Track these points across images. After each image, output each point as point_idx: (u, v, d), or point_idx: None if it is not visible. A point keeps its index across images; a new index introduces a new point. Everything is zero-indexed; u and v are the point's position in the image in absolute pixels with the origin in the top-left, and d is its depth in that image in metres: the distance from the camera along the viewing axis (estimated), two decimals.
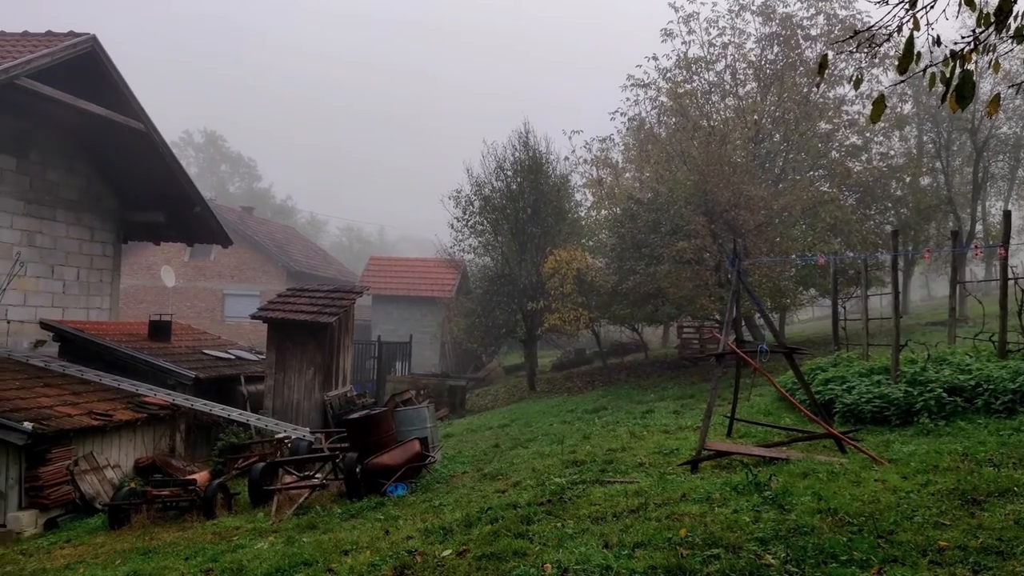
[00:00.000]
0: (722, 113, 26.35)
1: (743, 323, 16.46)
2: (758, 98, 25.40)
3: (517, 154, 22.74)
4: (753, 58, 25.75)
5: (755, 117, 24.60)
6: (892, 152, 28.66)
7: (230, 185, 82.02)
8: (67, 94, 13.39)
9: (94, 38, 14.03)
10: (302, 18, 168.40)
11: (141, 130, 15.23)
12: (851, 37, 4.20)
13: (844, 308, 15.96)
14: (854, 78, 4.21)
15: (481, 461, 10.33)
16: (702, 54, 26.35)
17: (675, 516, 5.28)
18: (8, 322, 14.08)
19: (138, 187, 16.82)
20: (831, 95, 25.48)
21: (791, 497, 5.36)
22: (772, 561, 4.21)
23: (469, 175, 23.37)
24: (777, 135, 25.24)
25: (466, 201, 23.22)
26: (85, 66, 14.08)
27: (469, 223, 23.53)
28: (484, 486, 8.24)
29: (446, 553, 5.21)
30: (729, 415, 9.25)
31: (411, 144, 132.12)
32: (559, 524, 5.57)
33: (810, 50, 25.19)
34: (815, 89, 24.34)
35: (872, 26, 3.95)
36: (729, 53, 26.01)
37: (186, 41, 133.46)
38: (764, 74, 25.33)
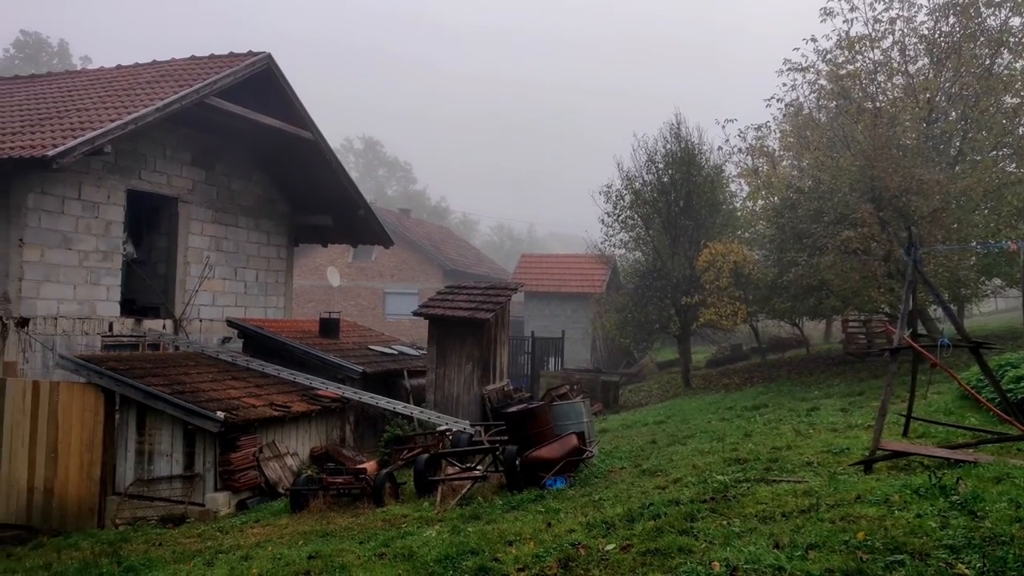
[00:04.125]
0: (889, 93, 24.60)
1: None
2: (931, 74, 23.49)
3: (668, 146, 22.30)
4: (925, 31, 23.84)
5: (927, 95, 22.80)
6: None
7: (388, 188, 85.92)
8: (246, 109, 14.56)
9: (269, 56, 15.15)
10: (448, 41, 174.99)
11: (310, 139, 16.28)
12: None
13: None
14: None
15: (638, 457, 10.25)
16: (866, 32, 24.75)
17: (850, 518, 5.02)
18: (200, 320, 15.49)
19: (307, 192, 18.01)
20: (1018, 65, 23.17)
21: (983, 503, 4.95)
22: (966, 571, 3.92)
23: (619, 169, 23.20)
24: (953, 113, 23.25)
25: (616, 196, 23.05)
26: (261, 83, 15.22)
27: (619, 218, 23.35)
28: (643, 482, 8.17)
29: (609, 547, 5.23)
30: (903, 414, 8.67)
31: (557, 149, 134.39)
32: (724, 522, 5.45)
33: (993, 18, 23.02)
34: (1002, 60, 22.19)
35: None
36: (897, 28, 24.24)
37: (337, 64, 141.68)
38: (938, 48, 23.39)
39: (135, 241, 15.17)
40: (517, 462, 8.78)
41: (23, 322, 12.12)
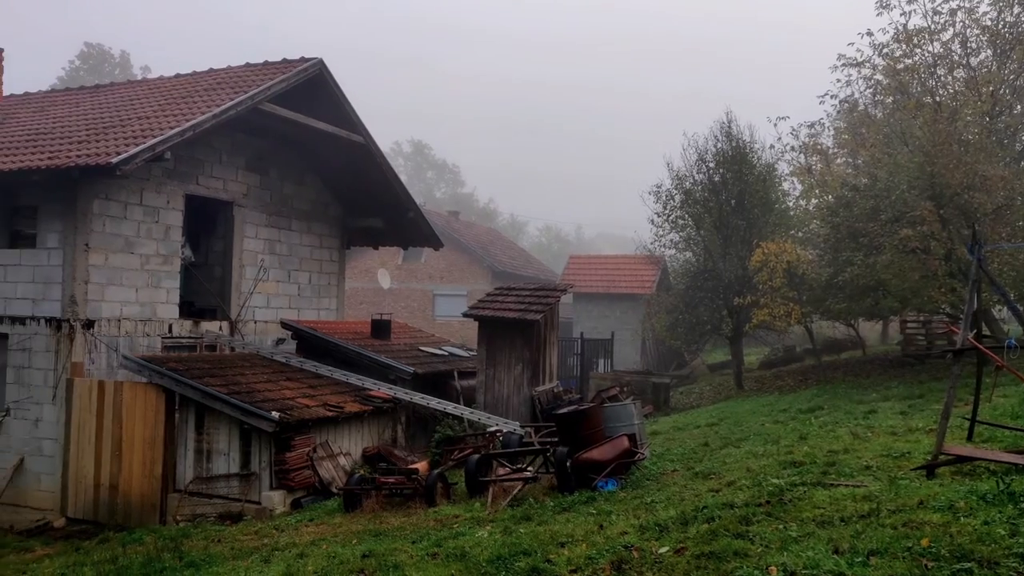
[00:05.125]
0: (950, 87, 23.87)
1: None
2: (994, 67, 22.74)
3: (719, 145, 22.03)
4: (988, 22, 23.07)
5: (990, 88, 22.07)
6: None
7: (436, 191, 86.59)
8: (299, 114, 14.82)
9: (321, 61, 15.39)
10: (482, 46, 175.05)
11: (361, 143, 16.48)
12: None
13: None
14: None
15: (691, 459, 10.13)
16: (925, 24, 24.07)
17: (913, 524, 4.89)
18: (255, 322, 15.82)
19: (358, 196, 18.24)
20: None
21: None
22: None
23: (669, 169, 23.03)
24: (1018, 107, 22.48)
25: (666, 196, 22.87)
26: (312, 88, 15.47)
27: (669, 218, 23.15)
28: (696, 485, 8.08)
29: (663, 550, 5.19)
30: (967, 417, 8.39)
31: (600, 153, 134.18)
32: (781, 526, 5.35)
33: None
34: None
35: None
36: (958, 20, 23.48)
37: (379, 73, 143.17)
38: (1001, 39, 22.61)
39: (193, 245, 15.56)
40: (568, 463, 8.76)
41: (89, 324, 12.54)
